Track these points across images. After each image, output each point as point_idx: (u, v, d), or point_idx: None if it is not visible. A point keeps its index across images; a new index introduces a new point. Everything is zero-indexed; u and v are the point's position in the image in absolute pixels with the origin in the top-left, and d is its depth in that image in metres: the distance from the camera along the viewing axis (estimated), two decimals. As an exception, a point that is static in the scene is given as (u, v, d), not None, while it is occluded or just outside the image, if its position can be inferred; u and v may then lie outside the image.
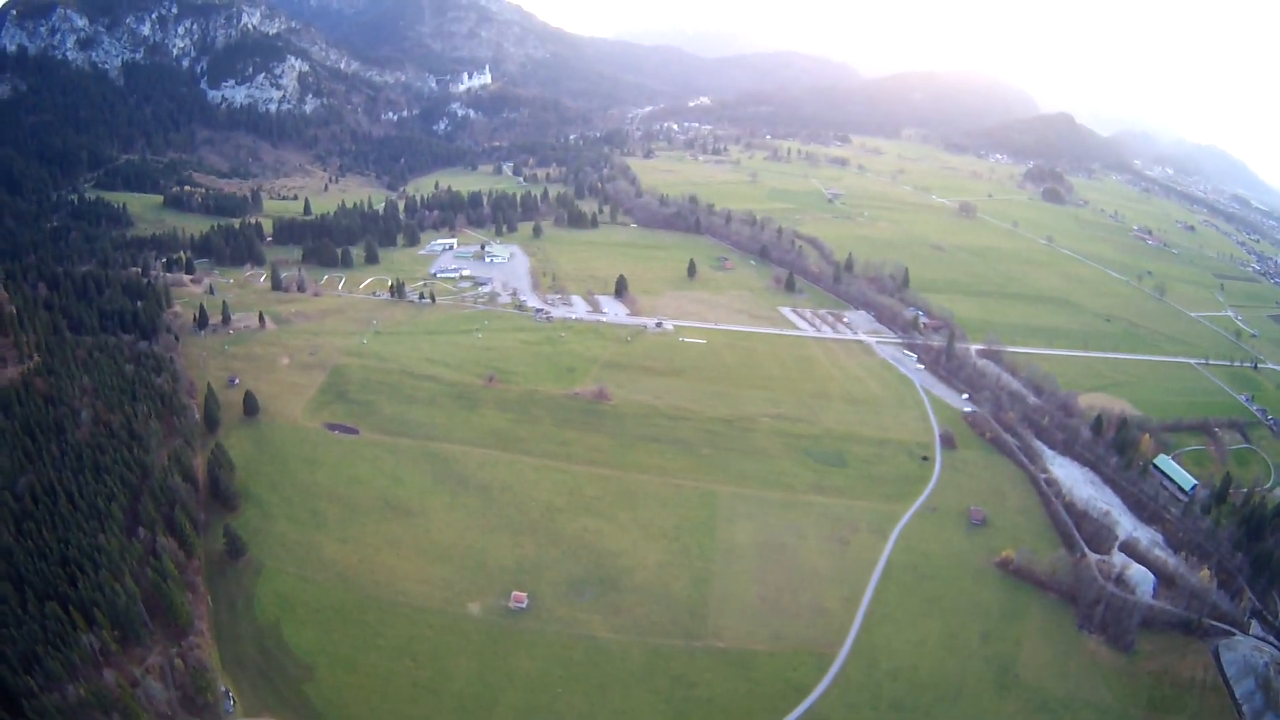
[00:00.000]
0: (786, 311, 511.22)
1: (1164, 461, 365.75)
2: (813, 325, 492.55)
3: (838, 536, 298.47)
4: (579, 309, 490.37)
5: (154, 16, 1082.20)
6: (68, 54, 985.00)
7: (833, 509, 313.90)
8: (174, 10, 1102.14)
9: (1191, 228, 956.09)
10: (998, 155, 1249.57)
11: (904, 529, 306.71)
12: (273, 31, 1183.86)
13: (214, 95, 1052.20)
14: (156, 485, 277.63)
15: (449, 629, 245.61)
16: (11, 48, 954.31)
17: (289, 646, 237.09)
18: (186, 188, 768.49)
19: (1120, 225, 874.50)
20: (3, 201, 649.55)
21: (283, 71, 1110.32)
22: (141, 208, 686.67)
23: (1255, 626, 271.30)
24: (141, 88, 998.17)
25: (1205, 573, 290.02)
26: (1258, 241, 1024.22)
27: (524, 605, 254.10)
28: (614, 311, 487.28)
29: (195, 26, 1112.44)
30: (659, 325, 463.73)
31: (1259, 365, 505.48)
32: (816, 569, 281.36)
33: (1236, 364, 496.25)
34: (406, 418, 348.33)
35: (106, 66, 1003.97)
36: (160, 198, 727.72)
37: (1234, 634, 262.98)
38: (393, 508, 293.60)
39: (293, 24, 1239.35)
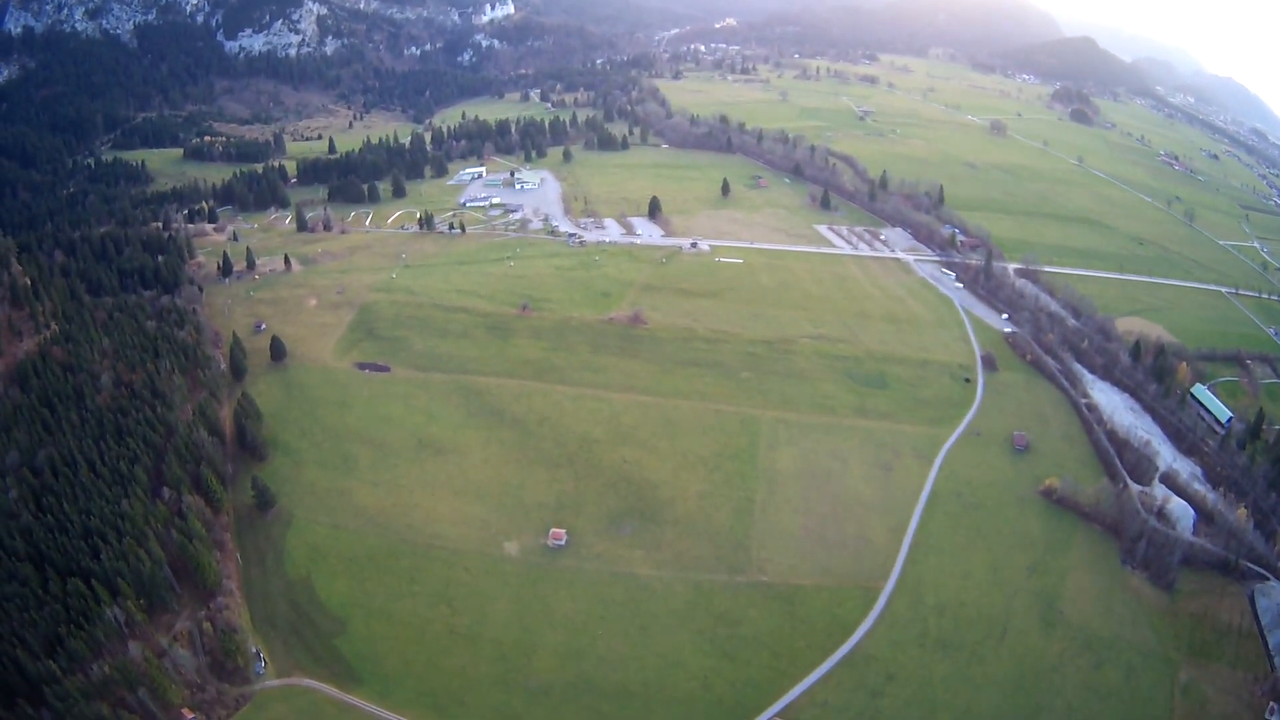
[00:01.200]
0: (823, 229, 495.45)
1: (1201, 391, 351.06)
2: (850, 243, 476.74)
3: (881, 462, 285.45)
4: (612, 232, 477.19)
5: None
6: (76, 25, 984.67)
7: (876, 433, 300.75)
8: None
9: (1215, 156, 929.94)
10: (1024, 75, 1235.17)
11: (948, 454, 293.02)
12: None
13: (231, 46, 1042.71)
14: (181, 442, 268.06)
15: (486, 571, 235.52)
16: (16, 30, 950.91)
17: (320, 600, 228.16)
18: (207, 138, 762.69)
19: (1147, 149, 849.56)
20: (16, 176, 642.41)
21: (300, 16, 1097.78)
22: (161, 163, 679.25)
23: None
24: (156, 47, 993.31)
25: (1242, 511, 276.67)
26: (1279, 175, 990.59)
27: (562, 543, 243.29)
28: (648, 233, 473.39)
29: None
30: (694, 246, 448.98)
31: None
32: (861, 497, 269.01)
33: (1264, 295, 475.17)
34: (438, 352, 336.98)
35: (118, 31, 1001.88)
36: (180, 151, 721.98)
37: (1269, 579, 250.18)
38: (426, 446, 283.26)
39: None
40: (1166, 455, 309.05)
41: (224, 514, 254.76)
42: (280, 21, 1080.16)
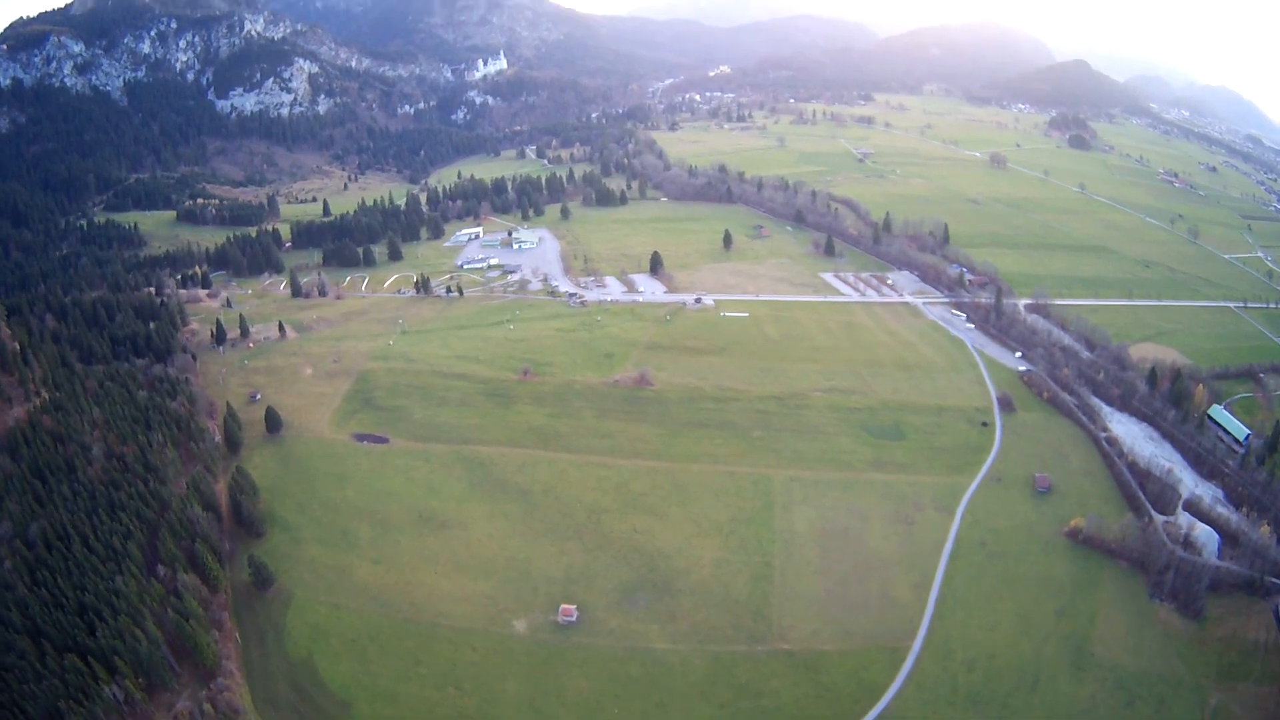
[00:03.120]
0: (828, 277, 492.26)
1: (1218, 412, 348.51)
2: (856, 289, 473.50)
3: (902, 516, 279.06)
4: (614, 290, 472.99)
5: (153, 34, 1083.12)
6: (65, 80, 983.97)
7: (895, 486, 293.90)
8: (173, 25, 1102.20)
9: (1214, 169, 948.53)
10: (1020, 105, 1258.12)
11: (969, 503, 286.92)
12: (278, 36, 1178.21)
13: (223, 105, 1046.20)
14: (175, 518, 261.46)
15: (494, 651, 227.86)
16: (6, 81, 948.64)
17: (323, 681, 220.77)
18: (200, 200, 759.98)
19: (1146, 169, 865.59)
20: (8, 235, 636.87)
21: (292, 75, 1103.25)
22: (154, 225, 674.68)
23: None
24: (147, 105, 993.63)
25: (1265, 528, 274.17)
26: (1276, 181, 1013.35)
27: (573, 619, 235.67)
28: (650, 290, 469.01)
29: (197, 39, 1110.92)
30: (698, 301, 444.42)
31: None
32: (882, 554, 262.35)
33: (1273, 305, 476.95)
34: (438, 421, 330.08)
35: (108, 88, 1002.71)
36: (173, 213, 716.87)
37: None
38: (428, 521, 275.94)
39: (298, 26, 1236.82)
40: (1189, 481, 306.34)
41: (221, 592, 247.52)
42: (272, 80, 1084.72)
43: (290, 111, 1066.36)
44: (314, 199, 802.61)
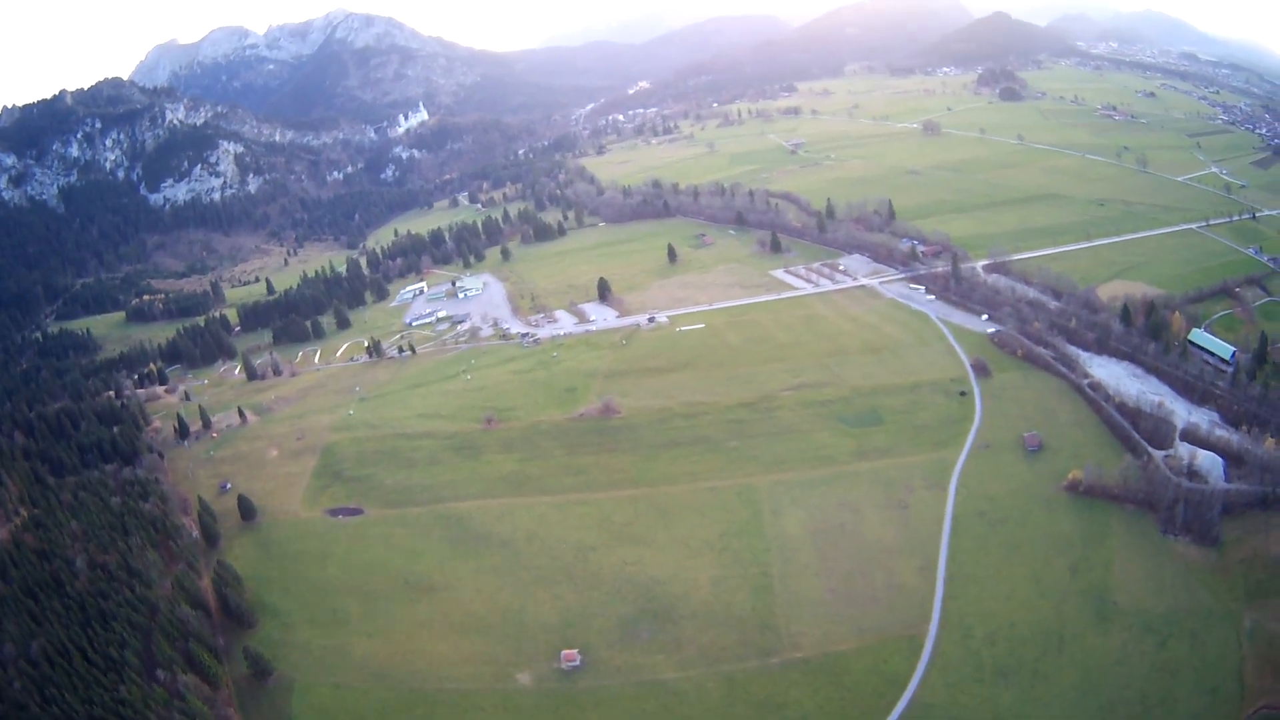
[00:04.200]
0: (779, 274, 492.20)
1: (1199, 335, 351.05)
2: (810, 281, 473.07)
3: (895, 501, 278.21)
4: (565, 323, 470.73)
5: (79, 136, 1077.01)
6: (3, 194, 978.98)
7: (882, 473, 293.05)
8: (98, 125, 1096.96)
9: (1152, 94, 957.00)
10: (945, 69, 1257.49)
11: (961, 475, 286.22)
12: (199, 122, 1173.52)
13: (155, 198, 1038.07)
14: (165, 620, 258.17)
15: (502, 707, 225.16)
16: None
17: None
18: (145, 297, 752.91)
19: (1084, 108, 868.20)
20: None
21: (218, 158, 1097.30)
22: (106, 328, 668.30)
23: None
24: (83, 209, 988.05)
25: (1270, 441, 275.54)
26: (1217, 93, 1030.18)
27: (577, 663, 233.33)
28: (602, 317, 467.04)
29: (122, 135, 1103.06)
30: (651, 320, 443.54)
31: (1257, 215, 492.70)
32: (882, 542, 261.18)
33: (1235, 218, 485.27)
34: (409, 484, 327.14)
35: (44, 197, 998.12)
36: (122, 314, 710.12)
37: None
38: (415, 587, 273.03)
39: (218, 109, 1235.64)
40: (1182, 411, 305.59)
41: (223, 688, 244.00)
42: (199, 167, 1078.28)
43: (222, 195, 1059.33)
44: (256, 279, 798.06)
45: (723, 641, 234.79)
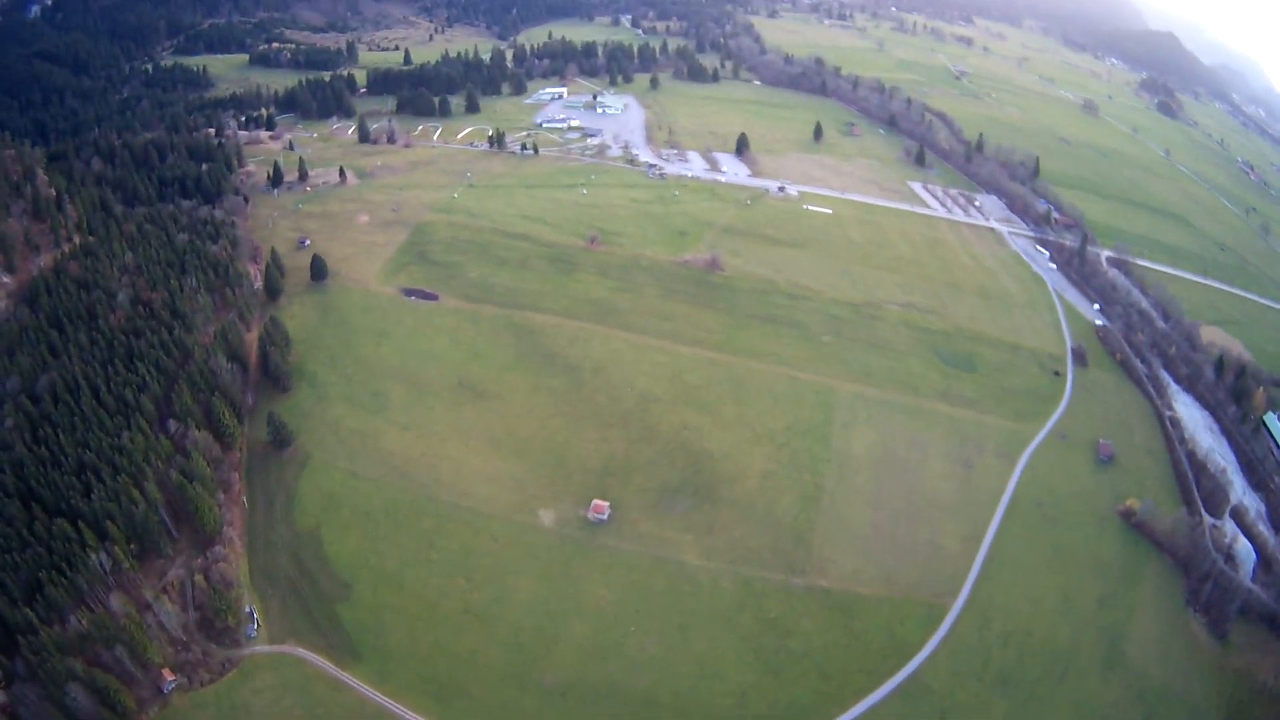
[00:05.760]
0: (916, 187, 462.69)
1: (1272, 420, 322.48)
2: (944, 205, 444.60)
3: (963, 458, 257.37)
4: (695, 166, 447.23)
5: None
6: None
7: (960, 423, 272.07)
8: None
9: None
10: (1113, 59, 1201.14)
11: (1032, 456, 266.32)
12: None
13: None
14: (196, 370, 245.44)
15: (514, 542, 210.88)
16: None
17: (327, 557, 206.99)
18: (275, 44, 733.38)
19: (1226, 154, 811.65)
20: (65, 82, 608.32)
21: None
22: (224, 68, 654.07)
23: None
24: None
25: None
26: None
27: (604, 517, 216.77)
28: (733, 171, 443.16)
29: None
30: (781, 189, 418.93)
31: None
32: (937, 496, 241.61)
33: None
34: (493, 282, 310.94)
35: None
36: (246, 57, 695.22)
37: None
38: (467, 388, 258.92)
39: None
40: (1239, 487, 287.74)
41: (235, 450, 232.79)
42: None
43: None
44: (396, 48, 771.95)
45: (753, 541, 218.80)
